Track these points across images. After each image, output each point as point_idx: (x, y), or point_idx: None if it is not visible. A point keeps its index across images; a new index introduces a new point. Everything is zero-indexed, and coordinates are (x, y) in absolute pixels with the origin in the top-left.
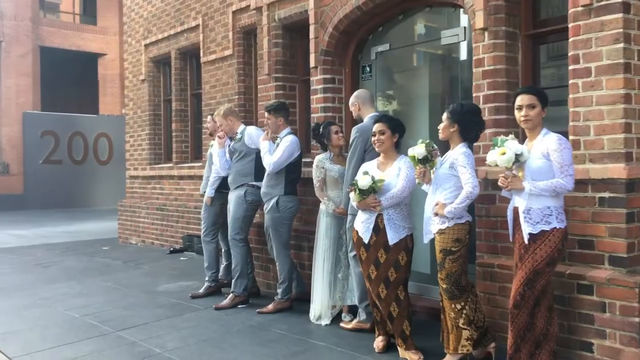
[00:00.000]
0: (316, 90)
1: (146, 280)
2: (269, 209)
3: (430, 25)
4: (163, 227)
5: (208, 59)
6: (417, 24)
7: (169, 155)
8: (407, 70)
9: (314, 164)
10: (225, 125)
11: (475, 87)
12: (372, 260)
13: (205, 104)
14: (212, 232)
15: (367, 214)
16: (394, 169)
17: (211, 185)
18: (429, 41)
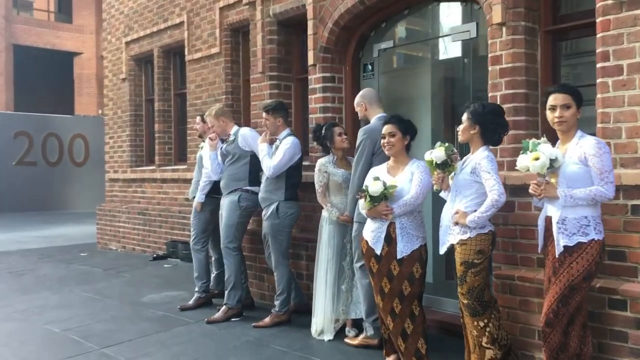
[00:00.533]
0: (315, 90)
1: (129, 290)
2: (268, 215)
3: (438, 21)
4: (145, 232)
5: (193, 57)
6: (424, 19)
7: (151, 157)
8: (412, 69)
9: (316, 167)
10: (217, 127)
11: (492, 86)
12: (385, 273)
13: (190, 104)
14: (202, 240)
15: (377, 222)
16: (406, 174)
17: (201, 190)
18: (437, 38)
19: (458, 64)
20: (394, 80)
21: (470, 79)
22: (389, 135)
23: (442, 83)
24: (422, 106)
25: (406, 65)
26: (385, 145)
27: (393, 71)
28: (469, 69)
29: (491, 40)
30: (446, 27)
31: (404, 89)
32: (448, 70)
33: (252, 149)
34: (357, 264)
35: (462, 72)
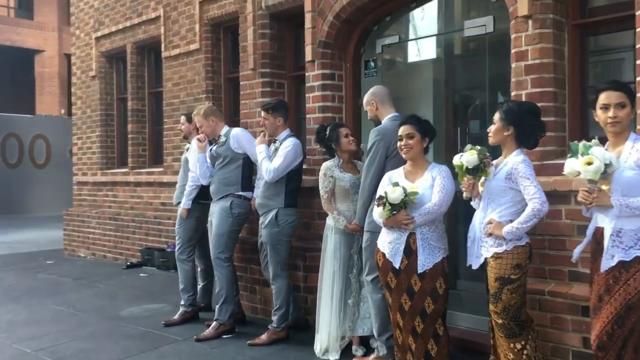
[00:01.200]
0: (313, 88)
1: (105, 303)
2: (266, 223)
3: (450, 14)
4: (117, 238)
5: (170, 53)
6: (434, 12)
7: (123, 159)
8: (419, 67)
9: (321, 172)
10: (207, 127)
11: (516, 84)
12: (405, 288)
13: (167, 104)
14: (189, 250)
15: (395, 233)
16: (426, 180)
17: (187, 195)
18: (448, 33)
19: (472, 60)
20: (398, 78)
21: (485, 76)
22: (407, 137)
23: (454, 82)
24: (429, 107)
25: (413, 62)
26: (402, 148)
27: (398, 69)
28: (485, 66)
29: (515, 35)
30: (459, 21)
31: (411, 88)
32: (460, 67)
33: (245, 150)
34: (368, 276)
35: (476, 69)
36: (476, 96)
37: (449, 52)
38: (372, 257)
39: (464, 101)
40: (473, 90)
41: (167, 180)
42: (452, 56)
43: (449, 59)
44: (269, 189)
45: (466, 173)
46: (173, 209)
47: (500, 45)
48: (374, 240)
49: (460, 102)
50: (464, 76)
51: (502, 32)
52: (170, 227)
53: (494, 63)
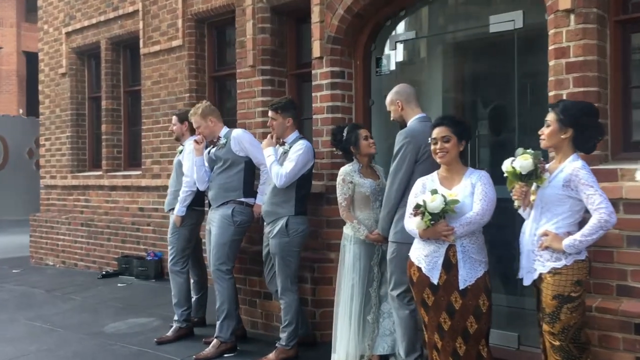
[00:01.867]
0: (321, 86)
1: (85, 317)
2: (275, 232)
3: (473, 9)
4: (90, 246)
5: (150, 50)
6: (455, 6)
7: (95, 162)
8: (437, 66)
9: (340, 177)
10: (205, 128)
11: (555, 83)
12: (444, 306)
13: (146, 103)
14: (183, 260)
15: (432, 245)
16: (465, 187)
17: (182, 201)
18: (471, 29)
19: (498, 58)
20: (413, 77)
21: (514, 75)
22: (442, 140)
23: (477, 82)
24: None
25: (429, 60)
26: (437, 151)
27: (414, 67)
28: (514, 63)
29: (555, 30)
30: (484, 16)
31: (428, 88)
32: (484, 66)
33: (248, 153)
34: (394, 291)
35: (503, 67)
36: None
37: (472, 50)
38: (398, 270)
39: (485, 102)
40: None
41: (145, 184)
42: (475, 54)
43: (472, 57)
44: (278, 195)
45: (518, 179)
46: (153, 215)
47: (531, 42)
48: (400, 252)
49: (482, 103)
50: (487, 76)
51: (533, 27)
52: (150, 233)
53: (523, 61)
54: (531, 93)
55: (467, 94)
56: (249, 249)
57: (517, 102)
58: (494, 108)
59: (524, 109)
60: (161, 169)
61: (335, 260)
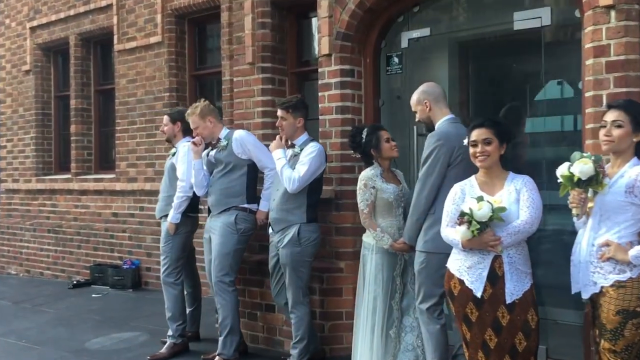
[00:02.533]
0: (329, 85)
1: (62, 332)
2: (286, 241)
3: (495, 4)
4: (58, 254)
5: (125, 47)
6: (474, 2)
7: (63, 164)
8: (456, 66)
9: (361, 182)
10: (204, 128)
11: (594, 83)
12: (489, 322)
13: (121, 102)
14: (177, 270)
15: (475, 256)
16: (509, 192)
17: (177, 208)
18: (493, 26)
19: (524, 58)
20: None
21: (541, 76)
22: (484, 142)
23: (505, 84)
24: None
25: (446, 60)
26: (477, 155)
27: (427, 67)
28: (540, 63)
29: (593, 27)
30: (507, 13)
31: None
32: (509, 67)
33: (251, 156)
34: (423, 304)
35: (528, 67)
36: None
37: (492, 49)
38: (427, 282)
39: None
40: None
41: (120, 188)
42: (496, 54)
43: (492, 57)
44: (289, 202)
45: (575, 186)
46: (129, 221)
47: (558, 40)
48: (430, 263)
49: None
50: (510, 76)
51: (562, 24)
52: (125, 240)
53: (551, 60)
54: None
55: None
56: (249, 259)
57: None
58: (510, 108)
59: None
60: (138, 172)
61: (346, 270)
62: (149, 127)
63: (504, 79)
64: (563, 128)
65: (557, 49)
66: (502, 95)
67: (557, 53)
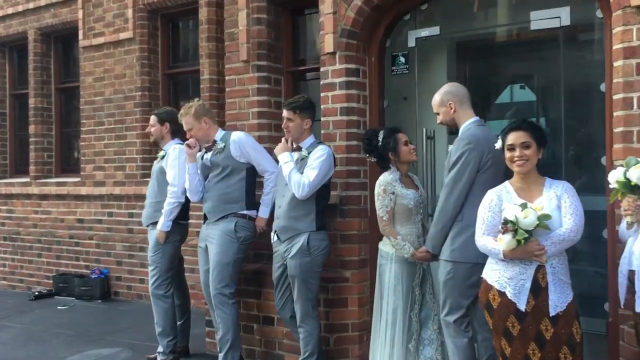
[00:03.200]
0: (333, 85)
1: (34, 350)
2: (295, 251)
3: (510, 3)
4: (15, 262)
5: (92, 43)
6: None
7: (19, 167)
8: (466, 67)
9: (379, 187)
10: (199, 130)
11: (624, 85)
12: (532, 336)
13: (86, 102)
14: (167, 283)
15: (516, 266)
16: (549, 199)
17: (168, 214)
18: (508, 25)
19: (541, 59)
20: (435, 79)
21: (559, 78)
22: (522, 146)
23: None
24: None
25: (461, 61)
26: (515, 160)
27: (436, 67)
28: (559, 65)
29: (623, 27)
30: (524, 12)
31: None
32: (528, 68)
33: (250, 159)
34: (450, 317)
35: (545, 69)
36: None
37: (508, 49)
38: (455, 294)
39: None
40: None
41: (86, 193)
42: (510, 55)
43: (506, 58)
44: (296, 209)
45: (631, 192)
46: (96, 227)
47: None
48: (457, 273)
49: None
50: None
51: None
52: (92, 248)
53: (570, 61)
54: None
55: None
56: (244, 268)
57: (564, 107)
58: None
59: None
60: (106, 176)
61: (352, 280)
62: (118, 127)
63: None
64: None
65: (575, 52)
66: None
67: (575, 56)
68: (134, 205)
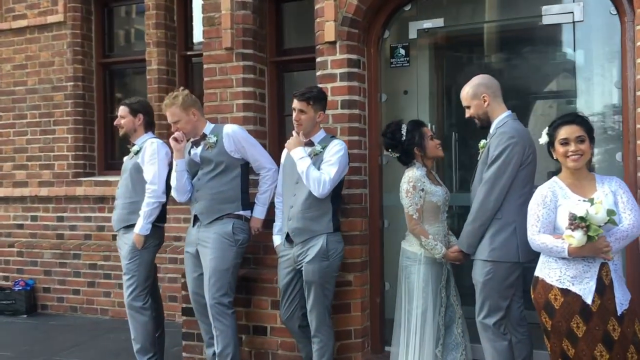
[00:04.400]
0: (333, 76)
1: None
2: (314, 255)
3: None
4: None
5: (11, 26)
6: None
7: None
8: (471, 63)
9: (409, 183)
10: (187, 122)
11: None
12: (600, 337)
13: (3, 92)
14: (145, 293)
15: (580, 263)
16: (604, 195)
17: (147, 217)
18: (518, 19)
19: (552, 56)
20: (440, 75)
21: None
22: (577, 140)
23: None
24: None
25: (466, 55)
26: (569, 154)
27: (438, 61)
28: (571, 63)
29: None
30: (535, 6)
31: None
32: (535, 66)
33: (246, 155)
34: (489, 319)
35: (557, 67)
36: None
37: (516, 44)
38: (494, 295)
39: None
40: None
41: (3, 195)
42: (519, 50)
43: (515, 53)
44: (312, 208)
45: None
46: (16, 233)
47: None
48: (497, 273)
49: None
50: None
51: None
52: (13, 257)
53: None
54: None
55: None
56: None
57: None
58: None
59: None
60: (29, 176)
61: (355, 283)
62: (45, 121)
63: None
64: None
65: (590, 49)
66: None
67: (591, 53)
68: (64, 208)
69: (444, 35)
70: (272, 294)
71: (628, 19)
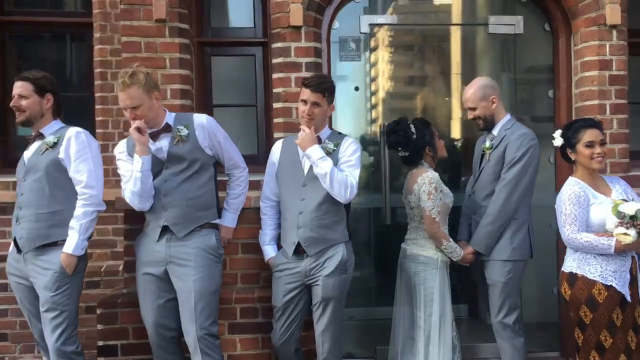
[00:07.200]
0: (297, 65)
1: None
2: (334, 268)
3: (472, 5)
4: None
5: None
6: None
7: None
8: (418, 62)
9: (431, 185)
10: (149, 109)
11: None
12: (631, 324)
13: None
14: (76, 334)
15: (617, 259)
16: (620, 194)
17: (84, 231)
18: (464, 25)
19: (494, 63)
20: (391, 73)
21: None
22: (600, 143)
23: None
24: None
25: (415, 55)
26: (594, 157)
27: (388, 59)
28: (508, 71)
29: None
30: (482, 14)
31: (412, 89)
32: (478, 72)
33: (219, 151)
34: (508, 318)
35: (498, 72)
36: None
37: (466, 47)
38: (514, 294)
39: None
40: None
41: None
42: (469, 53)
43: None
44: (328, 215)
45: None
46: None
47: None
48: (516, 272)
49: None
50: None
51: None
52: None
53: (522, 68)
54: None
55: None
56: None
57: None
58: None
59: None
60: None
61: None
62: None
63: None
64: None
65: (526, 60)
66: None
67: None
68: None
69: (394, 34)
70: (230, 316)
71: (561, 36)
